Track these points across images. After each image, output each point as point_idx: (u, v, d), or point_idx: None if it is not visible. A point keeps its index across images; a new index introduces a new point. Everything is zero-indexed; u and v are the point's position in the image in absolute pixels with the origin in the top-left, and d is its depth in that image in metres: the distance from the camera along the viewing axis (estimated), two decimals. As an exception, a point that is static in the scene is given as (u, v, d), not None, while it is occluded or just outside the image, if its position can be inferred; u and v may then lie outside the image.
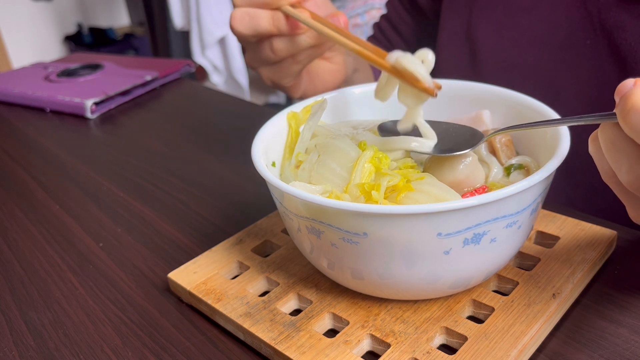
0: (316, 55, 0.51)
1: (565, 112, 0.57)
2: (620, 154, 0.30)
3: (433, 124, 0.45)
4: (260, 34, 0.48)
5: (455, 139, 0.41)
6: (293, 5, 0.48)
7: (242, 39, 0.50)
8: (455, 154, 0.39)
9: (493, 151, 0.43)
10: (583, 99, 0.57)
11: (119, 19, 3.24)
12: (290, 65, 0.51)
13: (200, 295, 0.42)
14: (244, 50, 0.55)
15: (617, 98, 0.29)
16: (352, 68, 0.62)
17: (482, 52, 0.64)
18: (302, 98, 0.57)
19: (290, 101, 2.69)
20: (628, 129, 0.28)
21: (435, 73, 0.69)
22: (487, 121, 0.45)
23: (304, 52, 0.50)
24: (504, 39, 0.62)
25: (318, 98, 0.48)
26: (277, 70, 0.52)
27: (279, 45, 0.49)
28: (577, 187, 0.61)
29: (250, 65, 0.54)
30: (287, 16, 0.47)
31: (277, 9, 0.48)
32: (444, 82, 0.49)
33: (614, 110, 0.29)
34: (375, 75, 0.71)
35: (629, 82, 0.29)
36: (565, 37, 0.57)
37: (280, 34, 0.48)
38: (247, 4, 0.48)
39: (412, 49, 0.75)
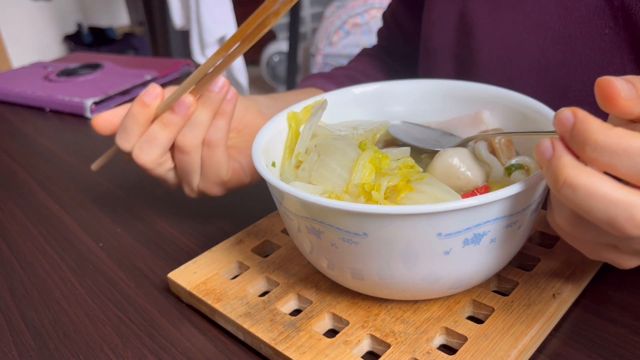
0: (225, 123, 0.47)
1: None
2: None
3: (424, 129, 0.45)
4: (162, 157, 0.46)
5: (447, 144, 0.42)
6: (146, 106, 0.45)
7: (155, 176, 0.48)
8: (447, 149, 0.40)
9: (493, 151, 0.43)
10: (595, 102, 0.45)
11: (119, 19, 3.23)
12: (213, 153, 0.46)
13: (200, 295, 0.42)
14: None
15: (540, 157, 0.29)
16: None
17: (477, 39, 0.54)
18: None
19: (290, 101, 2.68)
20: (564, 201, 0.28)
21: (423, 63, 0.66)
22: (487, 121, 0.45)
23: (212, 125, 0.46)
24: (502, 22, 0.52)
25: (318, 98, 0.48)
26: (207, 169, 0.47)
27: (182, 138, 0.45)
28: None
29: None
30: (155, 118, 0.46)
31: (149, 119, 0.46)
32: (443, 83, 0.49)
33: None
34: None
35: (546, 144, 0.29)
36: (578, 24, 0.48)
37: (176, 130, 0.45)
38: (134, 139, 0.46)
39: (413, 42, 0.72)
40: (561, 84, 0.50)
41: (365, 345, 0.37)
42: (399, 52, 0.76)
